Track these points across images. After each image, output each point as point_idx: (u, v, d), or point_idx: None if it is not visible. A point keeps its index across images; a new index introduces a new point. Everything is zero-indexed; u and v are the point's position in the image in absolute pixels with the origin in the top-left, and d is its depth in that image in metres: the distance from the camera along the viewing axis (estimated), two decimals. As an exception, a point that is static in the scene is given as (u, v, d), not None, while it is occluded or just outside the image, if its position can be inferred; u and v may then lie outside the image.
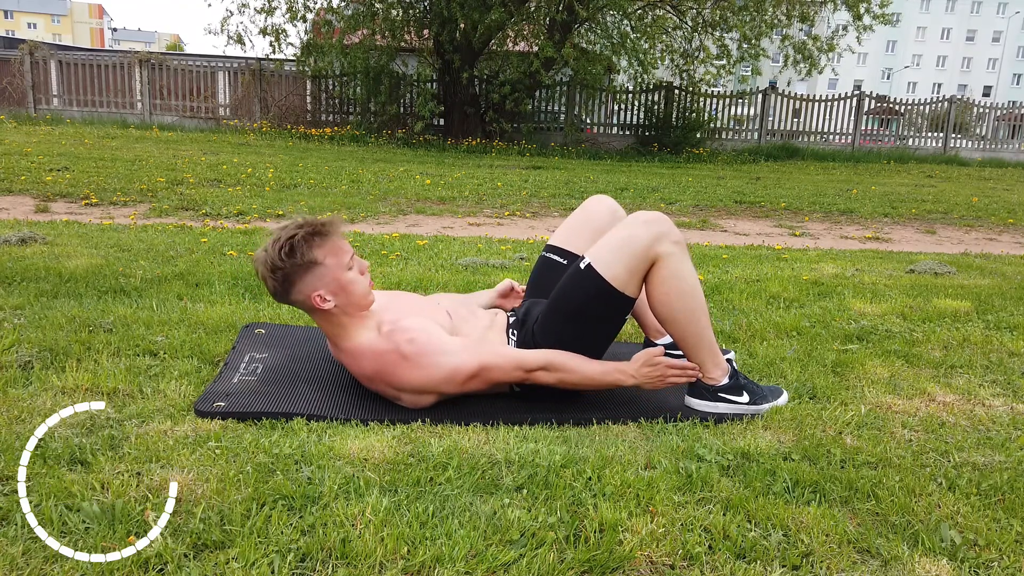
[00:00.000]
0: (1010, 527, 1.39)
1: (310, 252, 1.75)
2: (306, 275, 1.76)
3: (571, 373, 1.86)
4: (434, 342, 1.82)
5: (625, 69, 14.00)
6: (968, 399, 2.08)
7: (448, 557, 1.21)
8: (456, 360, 1.81)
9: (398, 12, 12.76)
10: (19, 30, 74.87)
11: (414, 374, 1.79)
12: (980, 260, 4.49)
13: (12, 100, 14.01)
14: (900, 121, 17.22)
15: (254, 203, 5.59)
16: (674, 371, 1.87)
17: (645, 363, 1.86)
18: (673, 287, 1.85)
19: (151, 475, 1.42)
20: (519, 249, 4.18)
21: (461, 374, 1.81)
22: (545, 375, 1.85)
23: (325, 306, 1.79)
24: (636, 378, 1.86)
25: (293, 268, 1.74)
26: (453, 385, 1.83)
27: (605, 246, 1.87)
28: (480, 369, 1.82)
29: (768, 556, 1.28)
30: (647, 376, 1.86)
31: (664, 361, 1.86)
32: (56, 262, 3.09)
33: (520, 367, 1.84)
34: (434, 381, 1.81)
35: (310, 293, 1.77)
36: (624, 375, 1.87)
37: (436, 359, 1.79)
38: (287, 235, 1.74)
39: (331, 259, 1.78)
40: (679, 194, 7.67)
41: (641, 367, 1.86)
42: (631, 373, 1.86)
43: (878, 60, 64.89)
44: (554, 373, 1.85)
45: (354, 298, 1.81)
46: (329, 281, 1.78)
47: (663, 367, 1.86)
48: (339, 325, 1.84)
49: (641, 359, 1.86)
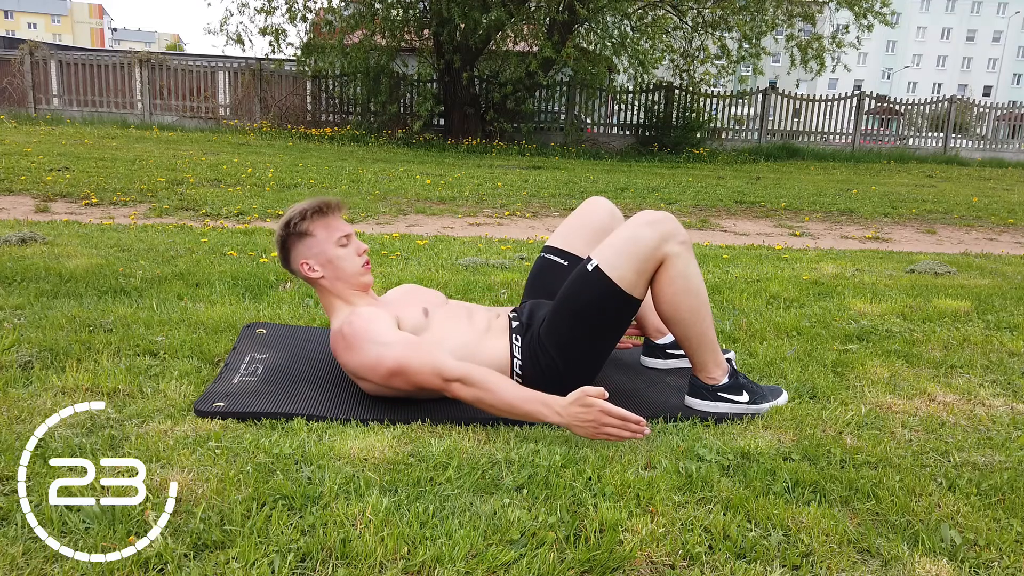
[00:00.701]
0: (1010, 527, 1.39)
1: (303, 224, 1.92)
2: (298, 244, 1.93)
3: (488, 393, 1.68)
4: (371, 329, 1.82)
5: (625, 69, 14.01)
6: (968, 399, 2.08)
7: (448, 557, 1.21)
8: (381, 351, 1.78)
9: (398, 12, 12.77)
10: (19, 30, 74.88)
11: (347, 356, 1.84)
12: (980, 260, 4.49)
13: (12, 100, 14.02)
14: (900, 121, 17.23)
15: (254, 203, 5.59)
16: (613, 421, 1.58)
17: (577, 402, 1.61)
18: (680, 287, 1.84)
19: (151, 475, 1.42)
20: (519, 249, 4.18)
21: (382, 366, 1.78)
22: (461, 388, 1.71)
23: (312, 275, 1.93)
24: (562, 417, 1.62)
25: (288, 236, 1.93)
26: (377, 375, 1.80)
27: (611, 247, 1.86)
28: (400, 367, 1.76)
29: (768, 556, 1.28)
30: (576, 418, 1.61)
31: (600, 405, 1.58)
32: (56, 262, 3.09)
33: (439, 374, 1.73)
34: (362, 367, 1.82)
35: (300, 260, 1.94)
36: (548, 410, 1.64)
37: (364, 345, 1.81)
38: (298, 208, 1.94)
39: (322, 232, 1.93)
40: (679, 194, 7.67)
41: (571, 406, 1.61)
42: (557, 410, 1.63)
43: (878, 60, 64.90)
44: (471, 388, 1.70)
45: (341, 273, 1.93)
46: (317, 252, 1.93)
47: (597, 411, 1.58)
48: (327, 300, 1.98)
49: (573, 397, 1.62)
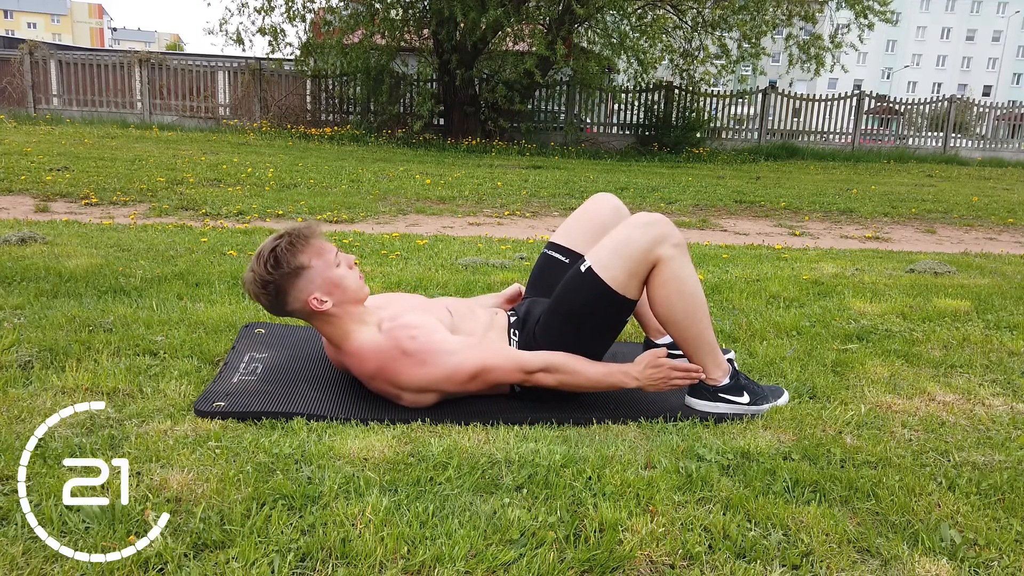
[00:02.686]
0: (1010, 527, 1.39)
1: (295, 258, 1.76)
2: (297, 281, 1.77)
3: (572, 375, 1.84)
4: (436, 339, 1.82)
5: (625, 69, 14.00)
6: (968, 399, 2.08)
7: (448, 557, 1.21)
8: (457, 359, 1.81)
9: (397, 12, 12.76)
10: (19, 30, 74.83)
11: (415, 372, 1.78)
12: (980, 260, 4.49)
13: (12, 100, 14.01)
14: (900, 121, 17.22)
15: (254, 203, 5.59)
16: (678, 373, 1.84)
17: (649, 364, 1.83)
18: (674, 289, 1.85)
19: (151, 475, 1.42)
20: (519, 249, 4.18)
21: (462, 373, 1.81)
22: (546, 377, 1.84)
23: (323, 307, 1.79)
24: (640, 380, 1.84)
25: (282, 278, 1.76)
26: (453, 384, 1.82)
27: (605, 249, 1.87)
28: (481, 369, 1.82)
29: (768, 556, 1.28)
30: (650, 378, 1.84)
31: (668, 363, 1.83)
32: (56, 262, 3.09)
33: (521, 368, 1.84)
34: (435, 379, 1.80)
35: (306, 298, 1.78)
36: (628, 377, 1.85)
37: (437, 357, 1.79)
38: (268, 248, 1.76)
39: (316, 260, 1.79)
40: (679, 194, 7.67)
41: (645, 368, 1.83)
42: (634, 375, 1.84)
43: (878, 59, 64.89)
44: (555, 375, 1.84)
45: (348, 293, 1.82)
46: (321, 282, 1.79)
47: (667, 368, 1.83)
48: (339, 326, 1.84)
49: (644, 361, 1.84)
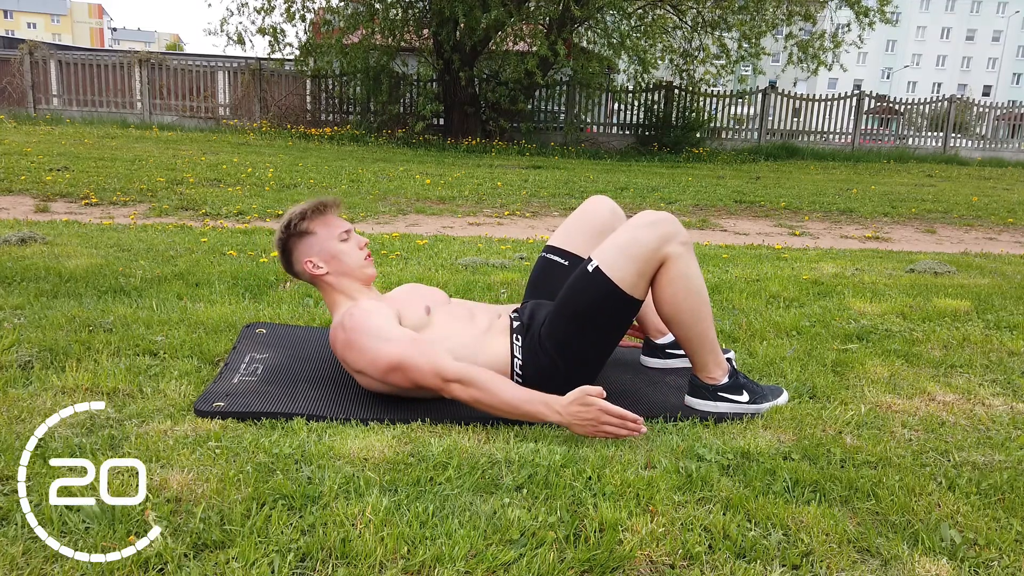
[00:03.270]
0: (1010, 526, 1.39)
1: (303, 224, 1.96)
2: (300, 243, 1.97)
3: (487, 394, 1.71)
4: (370, 323, 1.82)
5: (625, 69, 14.00)
6: (968, 399, 2.08)
7: (448, 557, 1.21)
8: (380, 346, 1.79)
9: (397, 12, 12.76)
10: (19, 30, 74.83)
11: (345, 349, 1.85)
12: (980, 259, 4.49)
13: (12, 100, 14.02)
14: (900, 120, 17.23)
15: (254, 203, 5.59)
16: (612, 419, 1.66)
17: (577, 401, 1.67)
18: (681, 287, 1.84)
19: (151, 475, 1.42)
20: (519, 249, 4.18)
21: (381, 361, 1.79)
22: (460, 389, 1.73)
23: (318, 272, 1.96)
24: (562, 416, 1.68)
25: (289, 237, 1.97)
26: (376, 370, 1.80)
27: (612, 248, 1.85)
28: (398, 363, 1.77)
29: (768, 556, 1.28)
30: (576, 417, 1.67)
31: (599, 404, 1.65)
32: (56, 262, 3.09)
33: (437, 373, 1.74)
34: (359, 360, 1.82)
35: (303, 260, 1.96)
36: (549, 409, 1.69)
37: (364, 339, 1.81)
38: (289, 213, 1.98)
39: (322, 230, 1.97)
40: (679, 194, 7.67)
41: (571, 405, 1.67)
42: (557, 409, 1.68)
43: (878, 59, 64.89)
44: (469, 389, 1.72)
45: (345, 267, 1.96)
46: (319, 249, 1.96)
47: (596, 410, 1.65)
48: (332, 296, 1.99)
49: (573, 396, 1.68)
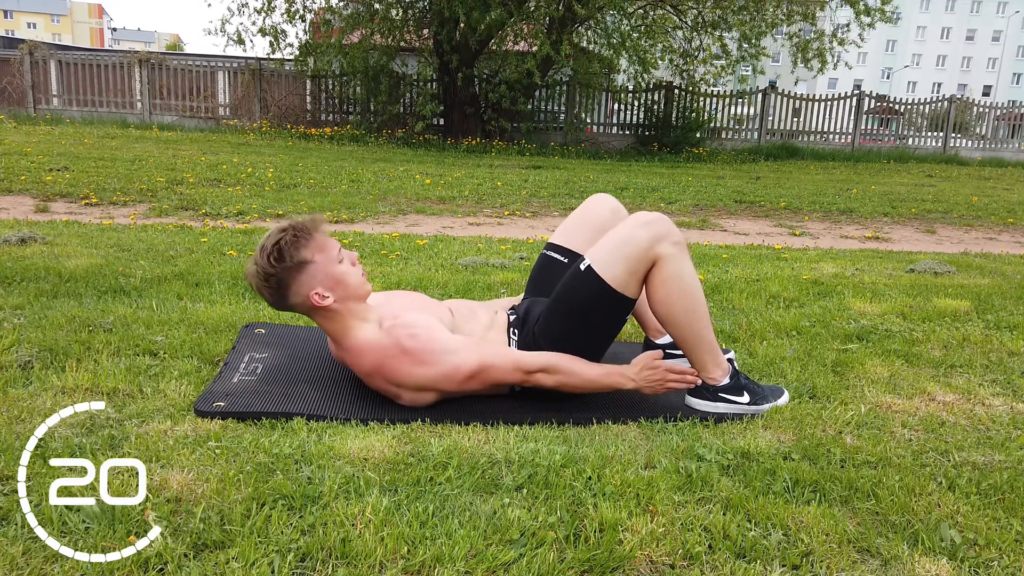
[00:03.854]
0: (1010, 526, 1.39)
1: (298, 253, 1.76)
2: (299, 275, 1.77)
3: (571, 376, 1.86)
4: (436, 338, 1.82)
5: (625, 69, 14.00)
6: (968, 399, 2.08)
7: (448, 557, 1.21)
8: (456, 359, 1.81)
9: (398, 12, 12.76)
10: (19, 30, 74.82)
11: (414, 370, 1.79)
12: (980, 260, 4.49)
13: (12, 100, 14.01)
14: (900, 120, 17.23)
15: (254, 203, 5.59)
16: (674, 375, 1.87)
17: (645, 366, 1.86)
18: (673, 288, 1.85)
19: (151, 475, 1.42)
20: (519, 249, 4.18)
21: (461, 372, 1.81)
22: (545, 377, 1.85)
23: (325, 303, 1.79)
24: (636, 381, 1.87)
25: (285, 271, 1.76)
26: (452, 383, 1.82)
27: (604, 247, 1.87)
28: (479, 369, 1.82)
29: (768, 556, 1.28)
30: (647, 380, 1.86)
31: (664, 364, 1.86)
32: (56, 262, 3.09)
33: (519, 368, 1.85)
34: (433, 378, 1.81)
35: (308, 293, 1.79)
36: (624, 378, 1.87)
37: (436, 356, 1.79)
38: (272, 241, 1.76)
39: (320, 255, 1.79)
40: (679, 194, 7.67)
41: (641, 370, 1.86)
42: (631, 376, 1.87)
43: (878, 59, 64.88)
44: (553, 376, 1.85)
45: (350, 289, 1.83)
46: (323, 277, 1.79)
47: (663, 371, 1.86)
48: (340, 322, 1.84)
49: (641, 362, 1.87)
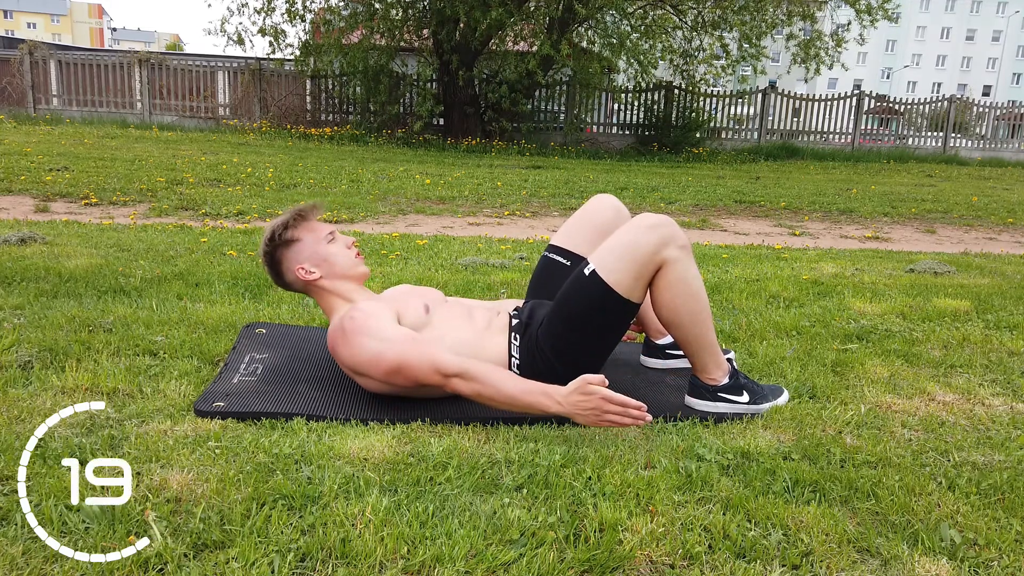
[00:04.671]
0: (1010, 526, 1.39)
1: (287, 232, 1.96)
2: (288, 252, 1.96)
3: (487, 387, 1.69)
4: (370, 324, 1.81)
5: (625, 69, 14.00)
6: (968, 398, 2.08)
7: (448, 557, 1.21)
8: (380, 347, 1.77)
9: (398, 12, 12.76)
10: (19, 30, 74.83)
11: (345, 351, 1.83)
12: (980, 259, 4.49)
13: (12, 100, 14.01)
14: (900, 120, 17.23)
15: (254, 203, 5.59)
16: (614, 408, 1.63)
17: (578, 390, 1.64)
18: (679, 291, 1.83)
19: (151, 475, 1.42)
20: (519, 249, 4.18)
21: (383, 362, 1.77)
22: (461, 384, 1.72)
23: (310, 277, 1.95)
24: (563, 406, 1.65)
25: (275, 249, 1.96)
26: (378, 372, 1.78)
27: (609, 251, 1.85)
28: (399, 364, 1.76)
29: (768, 555, 1.28)
30: (577, 407, 1.64)
31: (601, 393, 1.62)
32: (56, 262, 3.09)
33: (437, 370, 1.73)
34: (360, 363, 1.80)
35: (294, 267, 1.95)
36: (550, 400, 1.66)
37: (363, 339, 1.79)
38: (271, 225, 1.98)
39: (308, 235, 1.97)
40: (679, 194, 7.67)
41: (572, 394, 1.65)
42: (558, 399, 1.66)
43: (878, 59, 64.88)
44: (470, 383, 1.71)
45: (337, 268, 1.96)
46: (309, 254, 1.96)
47: (597, 399, 1.63)
48: (328, 300, 1.98)
49: (574, 386, 1.65)
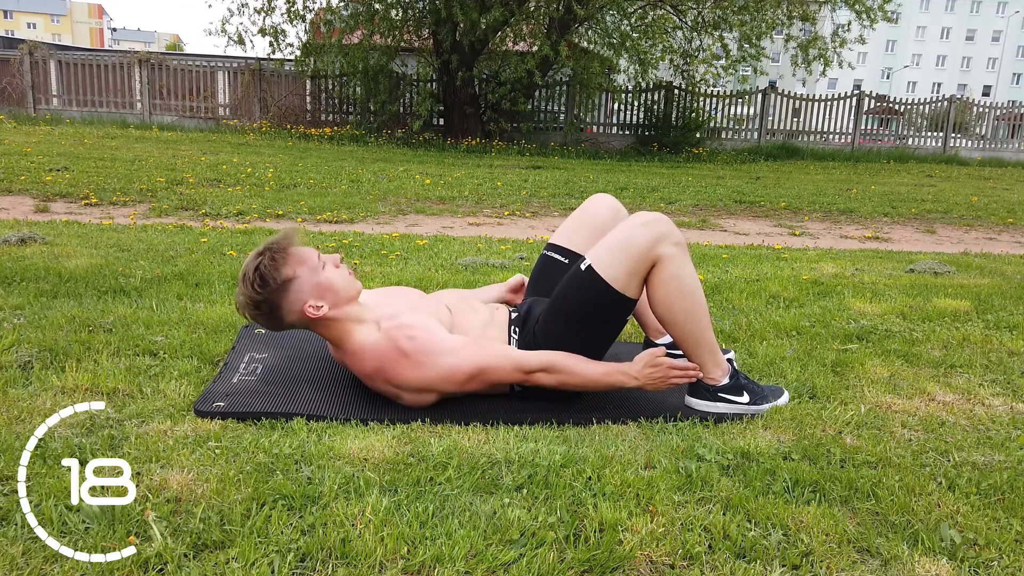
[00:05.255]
0: (1010, 526, 1.39)
1: (280, 272, 1.76)
2: (287, 294, 1.77)
3: (572, 375, 1.85)
4: (435, 340, 1.82)
5: (625, 69, 14.00)
6: (968, 399, 2.08)
7: (448, 557, 1.21)
8: (455, 360, 1.81)
9: (397, 12, 12.76)
10: (19, 30, 74.82)
11: (413, 372, 1.79)
12: (980, 260, 4.49)
13: (12, 100, 14.01)
14: (900, 120, 17.23)
15: (254, 203, 5.59)
16: (676, 372, 1.85)
17: (648, 364, 1.84)
18: (673, 288, 1.85)
19: (151, 475, 1.42)
20: (519, 249, 4.18)
21: (460, 374, 1.81)
22: (545, 377, 1.85)
23: (320, 313, 1.80)
24: (639, 379, 1.85)
25: (272, 294, 1.76)
26: (451, 384, 1.83)
27: (605, 248, 1.87)
28: (479, 370, 1.82)
29: (768, 556, 1.28)
30: (649, 377, 1.84)
31: (666, 362, 1.83)
32: (56, 262, 3.09)
33: (519, 368, 1.84)
34: (432, 380, 1.81)
35: (301, 308, 1.79)
36: (627, 376, 1.85)
37: (435, 358, 1.80)
38: (252, 268, 1.76)
39: (301, 269, 1.79)
40: (679, 194, 7.67)
41: (644, 368, 1.84)
42: (633, 374, 1.84)
43: (878, 59, 64.88)
44: (554, 375, 1.84)
45: (341, 293, 1.82)
46: (311, 288, 1.79)
47: (665, 368, 1.83)
48: (338, 328, 1.84)
49: (643, 360, 1.84)
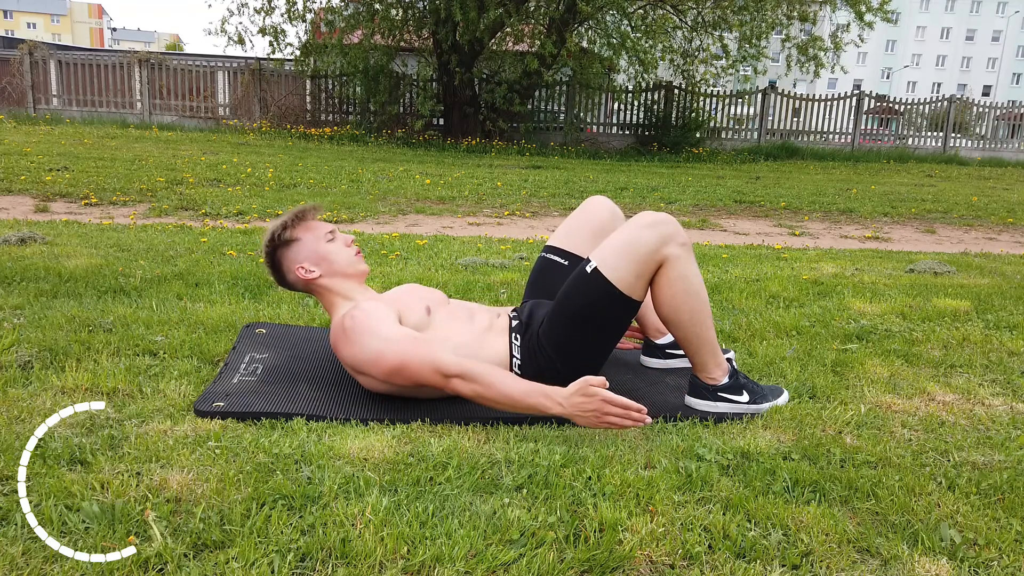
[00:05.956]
0: (1010, 526, 1.39)
1: (286, 233, 1.97)
2: (288, 252, 1.97)
3: (488, 387, 1.68)
4: (371, 323, 1.80)
5: (625, 69, 14.01)
6: (968, 398, 2.08)
7: (448, 557, 1.21)
8: (382, 346, 1.77)
9: (398, 12, 12.76)
10: (18, 30, 74.84)
11: (346, 350, 1.83)
12: (980, 259, 4.49)
13: (12, 100, 14.01)
14: (900, 120, 17.23)
15: (254, 203, 5.59)
16: (615, 410, 1.61)
17: (579, 391, 1.62)
18: (680, 289, 1.84)
19: (151, 475, 1.42)
20: (519, 249, 4.18)
21: (384, 362, 1.77)
22: (461, 384, 1.71)
23: (311, 276, 1.95)
24: (564, 407, 1.63)
25: (275, 250, 1.97)
26: (379, 371, 1.78)
27: (610, 249, 1.85)
28: (401, 364, 1.75)
29: (768, 556, 1.28)
30: (578, 408, 1.62)
31: (602, 394, 1.60)
32: (56, 262, 3.09)
33: (438, 371, 1.73)
34: (361, 361, 1.80)
35: (294, 267, 1.96)
36: (550, 401, 1.64)
37: (365, 338, 1.79)
38: (271, 227, 1.98)
39: (307, 235, 1.98)
40: (679, 194, 7.67)
41: (573, 396, 1.62)
42: (559, 400, 1.64)
43: (878, 59, 64.89)
44: (470, 384, 1.70)
45: (336, 266, 1.97)
46: (308, 253, 1.96)
47: (599, 401, 1.60)
48: (328, 298, 1.99)
49: (575, 387, 1.63)
